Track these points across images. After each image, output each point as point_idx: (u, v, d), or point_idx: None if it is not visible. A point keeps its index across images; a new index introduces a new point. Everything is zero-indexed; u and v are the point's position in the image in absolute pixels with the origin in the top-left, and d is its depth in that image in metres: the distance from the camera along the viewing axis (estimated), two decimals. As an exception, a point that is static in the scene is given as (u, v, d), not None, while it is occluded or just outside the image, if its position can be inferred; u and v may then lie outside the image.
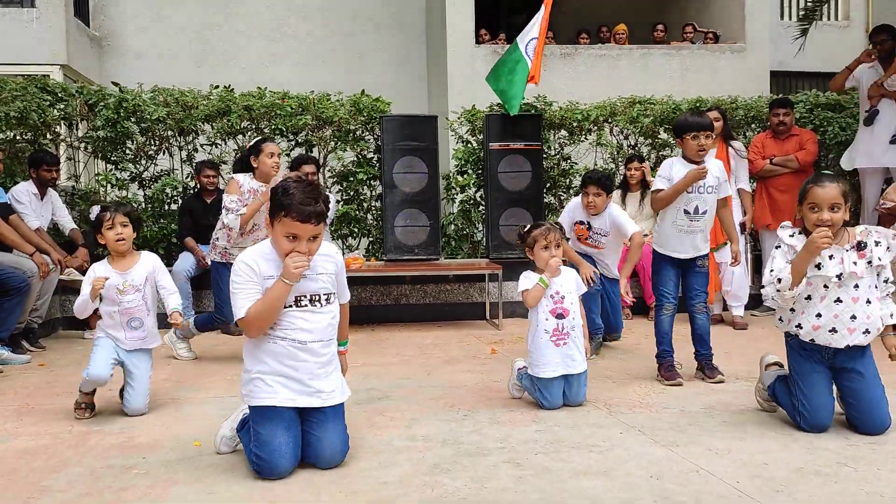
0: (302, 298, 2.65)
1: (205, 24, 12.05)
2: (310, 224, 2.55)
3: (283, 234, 2.57)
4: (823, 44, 12.35)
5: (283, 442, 2.56)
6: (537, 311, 3.51)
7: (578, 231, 4.84)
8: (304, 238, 2.57)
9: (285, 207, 2.53)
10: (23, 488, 2.50)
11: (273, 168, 4.54)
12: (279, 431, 2.57)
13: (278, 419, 2.60)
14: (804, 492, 2.39)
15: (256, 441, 2.57)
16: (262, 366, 2.64)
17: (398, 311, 6.46)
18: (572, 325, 3.49)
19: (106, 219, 3.41)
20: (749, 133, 7.29)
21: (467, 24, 10.49)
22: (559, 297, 3.50)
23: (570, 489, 2.43)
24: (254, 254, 2.66)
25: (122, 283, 3.44)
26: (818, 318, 3.02)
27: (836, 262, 2.98)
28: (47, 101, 6.32)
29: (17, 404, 3.67)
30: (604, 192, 4.68)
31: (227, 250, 4.62)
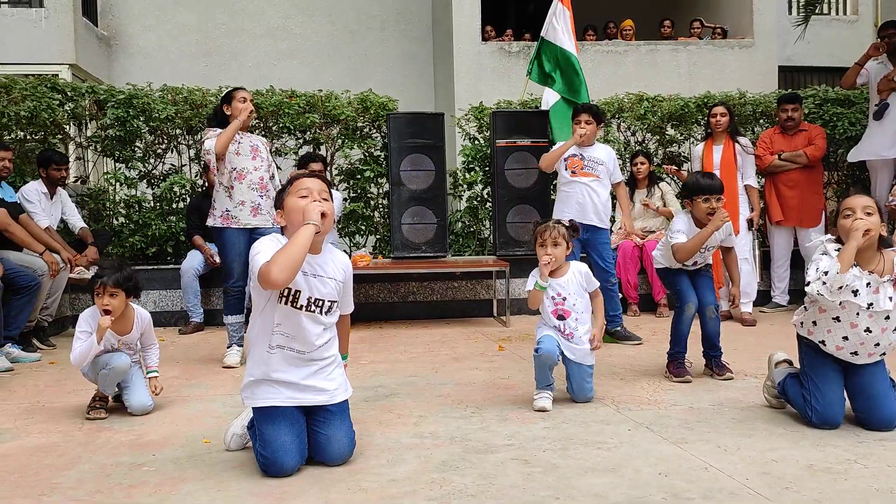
0: (311, 301, 2.63)
1: (211, 23, 12.08)
2: (315, 179, 2.67)
3: (296, 197, 2.63)
4: (832, 38, 12.29)
5: (287, 441, 2.56)
6: (544, 308, 3.53)
7: (573, 164, 4.97)
8: (315, 191, 2.62)
9: (290, 181, 2.71)
10: (34, 486, 2.52)
11: (245, 111, 4.43)
12: (282, 430, 2.58)
13: (281, 418, 2.60)
14: (814, 489, 2.38)
15: (261, 440, 2.58)
16: (263, 368, 2.64)
17: (405, 308, 6.47)
18: (575, 327, 3.48)
19: (96, 286, 3.36)
20: (757, 129, 7.26)
21: (473, 21, 10.48)
22: (560, 298, 3.49)
23: (579, 486, 2.43)
24: (272, 237, 2.67)
25: (119, 342, 3.49)
26: (844, 341, 3.02)
27: (871, 292, 2.94)
28: (57, 100, 6.35)
29: (28, 402, 3.70)
30: (594, 121, 4.92)
31: (228, 213, 4.48)
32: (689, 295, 4.00)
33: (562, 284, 3.51)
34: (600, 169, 4.96)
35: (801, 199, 6.21)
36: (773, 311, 6.47)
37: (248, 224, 4.48)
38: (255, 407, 2.65)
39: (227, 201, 4.48)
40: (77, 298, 6.11)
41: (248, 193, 4.47)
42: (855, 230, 2.86)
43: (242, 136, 4.53)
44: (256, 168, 4.51)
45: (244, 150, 4.50)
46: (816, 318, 3.10)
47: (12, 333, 4.73)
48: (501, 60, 10.48)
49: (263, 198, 4.53)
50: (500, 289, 6.46)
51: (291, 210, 2.63)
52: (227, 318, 4.61)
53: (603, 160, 4.97)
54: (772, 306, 6.51)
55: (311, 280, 2.63)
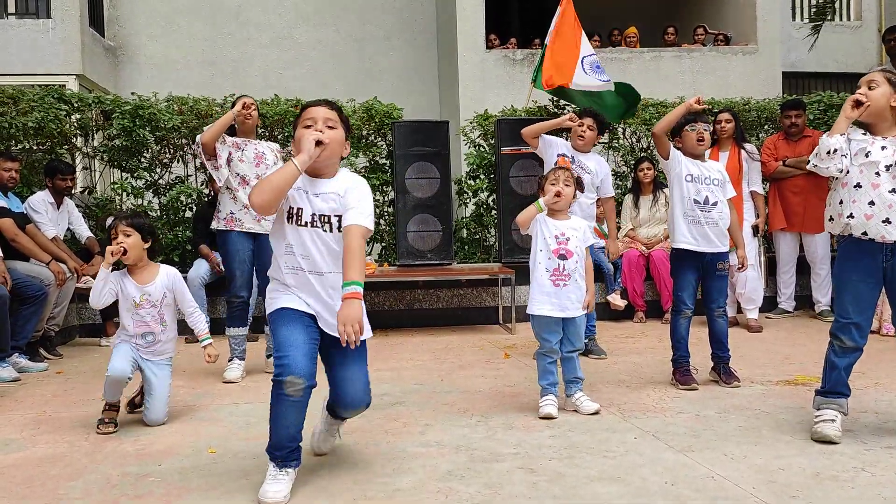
0: (315, 218, 2.59)
1: (217, 33, 12.14)
2: (320, 107, 2.66)
3: (301, 126, 2.63)
4: (836, 44, 12.28)
5: (300, 340, 2.48)
6: (539, 250, 3.49)
7: (562, 162, 4.84)
8: (320, 120, 2.62)
9: (302, 109, 2.71)
10: (40, 496, 2.52)
11: (246, 119, 4.44)
12: (297, 331, 2.51)
13: (297, 321, 2.54)
14: (821, 497, 2.37)
15: (276, 345, 2.51)
16: (282, 286, 2.62)
17: (411, 316, 6.47)
18: (574, 269, 3.47)
19: (110, 230, 3.39)
20: (762, 135, 7.26)
21: (477, 30, 10.51)
22: (563, 238, 3.48)
23: (585, 495, 2.42)
24: None
25: (140, 296, 3.42)
26: (871, 207, 2.97)
27: (888, 153, 2.96)
28: (64, 110, 6.39)
29: (35, 412, 3.71)
30: (596, 129, 4.84)
31: (232, 215, 4.45)
32: (685, 301, 3.99)
33: (566, 226, 3.51)
34: (585, 178, 4.75)
35: (806, 205, 6.20)
36: (780, 317, 6.45)
37: (251, 229, 4.47)
38: (271, 312, 2.60)
39: (231, 204, 4.47)
40: (84, 308, 6.13)
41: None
42: (845, 102, 2.96)
43: (247, 144, 4.52)
44: (258, 176, 4.49)
45: (248, 157, 4.49)
46: (841, 195, 3.05)
47: (19, 343, 4.75)
48: (506, 68, 10.50)
49: None
50: (505, 296, 6.46)
51: (296, 140, 2.63)
52: (230, 331, 4.52)
53: (592, 170, 4.80)
54: (778, 312, 6.49)
55: (313, 199, 2.59)
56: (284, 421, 2.49)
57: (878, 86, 2.98)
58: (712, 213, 3.95)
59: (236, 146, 4.50)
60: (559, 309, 3.46)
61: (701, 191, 3.94)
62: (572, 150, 4.89)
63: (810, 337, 5.46)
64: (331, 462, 2.82)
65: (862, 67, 10.60)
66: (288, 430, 2.50)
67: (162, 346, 3.50)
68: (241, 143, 4.51)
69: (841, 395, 3.05)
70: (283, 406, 2.47)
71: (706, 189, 3.95)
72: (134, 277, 3.43)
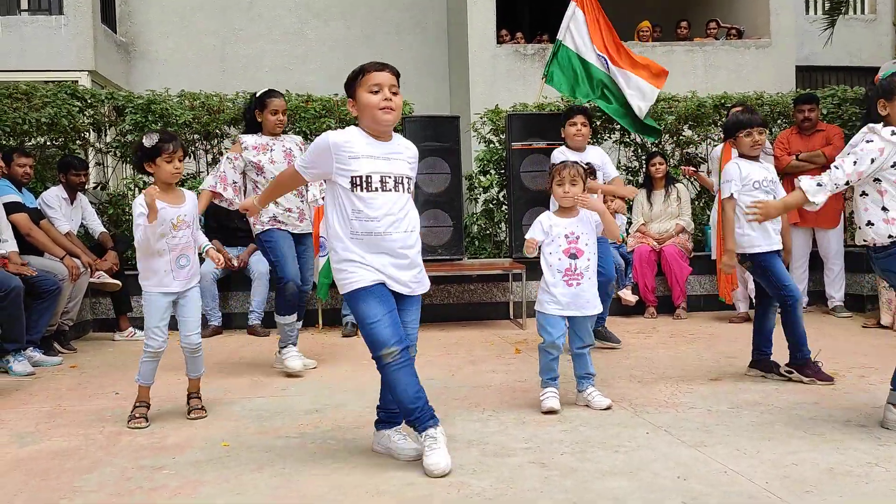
0: (387, 179, 2.69)
1: (228, 29, 12.17)
2: (386, 72, 2.74)
3: (366, 91, 2.71)
4: (850, 38, 12.17)
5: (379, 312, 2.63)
6: (550, 252, 3.44)
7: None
8: (386, 86, 2.70)
9: (361, 71, 2.76)
10: (55, 489, 2.55)
11: (277, 125, 4.36)
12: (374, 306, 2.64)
13: (371, 296, 2.65)
14: (835, 492, 2.36)
15: (359, 321, 2.68)
16: (348, 255, 2.68)
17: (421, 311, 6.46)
18: (586, 266, 3.42)
19: (167, 150, 3.30)
20: (775, 129, 7.21)
21: (488, 25, 10.49)
22: (574, 237, 3.42)
23: (597, 489, 2.42)
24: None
25: (177, 217, 3.36)
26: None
27: None
28: (77, 106, 6.43)
29: (50, 406, 3.74)
30: (589, 124, 4.88)
31: (275, 218, 4.32)
32: (795, 290, 3.94)
33: (575, 223, 3.45)
34: (597, 174, 4.86)
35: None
36: (793, 312, 6.41)
37: (295, 229, 4.37)
38: (346, 293, 2.70)
39: (272, 207, 4.29)
40: (98, 303, 6.18)
41: (293, 200, 4.35)
42: None
43: (275, 143, 4.37)
44: None
45: (277, 157, 4.33)
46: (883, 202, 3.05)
47: (34, 337, 4.79)
48: (516, 63, 10.48)
49: (304, 202, 4.44)
50: (516, 291, 6.46)
51: (364, 106, 2.72)
52: (280, 318, 4.40)
53: (595, 165, 4.84)
54: (790, 308, 6.45)
55: (385, 164, 2.71)
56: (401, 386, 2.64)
57: None
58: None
59: (263, 148, 4.34)
60: (576, 308, 3.42)
61: (768, 195, 3.92)
62: (574, 154, 4.86)
63: (823, 332, 5.42)
64: (343, 456, 2.83)
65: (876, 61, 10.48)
66: (407, 393, 2.63)
67: (194, 268, 3.46)
68: (268, 144, 4.37)
69: None
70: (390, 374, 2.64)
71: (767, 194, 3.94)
72: (166, 199, 3.34)
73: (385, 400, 2.86)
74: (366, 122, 2.75)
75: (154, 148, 3.30)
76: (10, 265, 4.63)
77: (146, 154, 3.32)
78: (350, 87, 2.79)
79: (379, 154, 2.71)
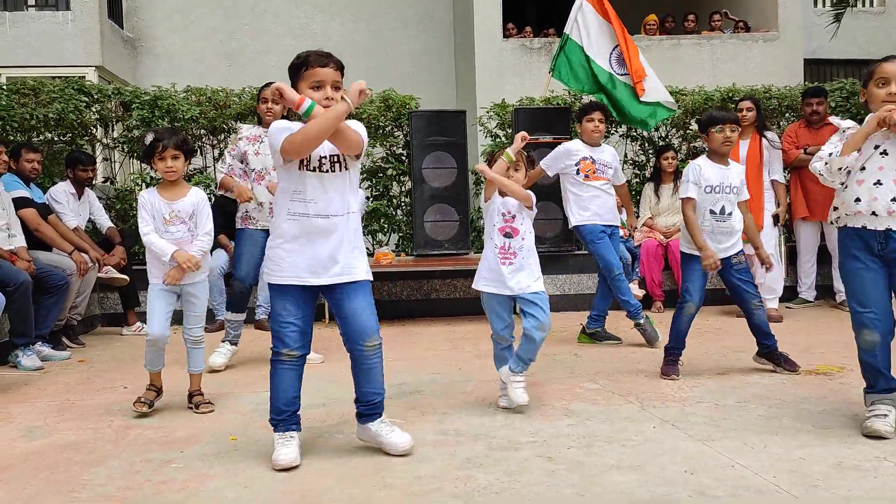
0: (324, 160, 2.66)
1: (234, 24, 12.18)
2: (329, 68, 2.65)
3: (307, 87, 2.64)
4: (859, 30, 12.10)
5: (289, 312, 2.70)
6: (493, 225, 3.39)
7: (585, 167, 4.95)
8: (329, 83, 2.64)
9: (304, 63, 2.66)
10: (64, 482, 2.56)
11: (266, 114, 4.39)
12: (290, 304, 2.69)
13: (289, 296, 2.69)
14: (843, 487, 2.35)
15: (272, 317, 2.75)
16: (281, 241, 2.68)
17: (428, 305, 6.48)
18: (520, 246, 3.33)
19: (158, 149, 3.37)
20: (783, 123, 7.18)
21: (494, 18, 10.46)
22: (510, 215, 3.36)
23: (604, 483, 2.42)
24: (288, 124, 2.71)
25: (169, 213, 3.44)
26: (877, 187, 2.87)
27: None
28: (84, 102, 6.44)
29: (59, 400, 3.76)
30: (605, 120, 4.99)
31: (247, 214, 4.43)
32: (692, 294, 3.94)
33: (513, 202, 3.38)
34: (609, 172, 4.98)
35: (828, 194, 6.02)
36: (800, 306, 6.40)
37: (265, 226, 4.37)
38: (269, 283, 2.73)
39: (245, 203, 4.40)
40: (106, 297, 6.20)
41: (265, 194, 4.36)
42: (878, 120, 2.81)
43: (265, 137, 4.35)
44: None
45: (264, 149, 4.36)
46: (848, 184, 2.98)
47: (42, 332, 4.81)
48: (523, 57, 10.45)
49: None
50: (522, 286, 6.44)
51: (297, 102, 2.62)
52: (228, 314, 4.54)
53: (609, 162, 4.98)
54: (798, 302, 6.44)
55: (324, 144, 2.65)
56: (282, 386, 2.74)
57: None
58: (726, 223, 3.93)
59: (255, 139, 4.41)
60: (503, 287, 3.32)
61: (719, 200, 3.92)
62: (590, 151, 4.90)
63: (831, 326, 5.40)
64: (350, 449, 2.84)
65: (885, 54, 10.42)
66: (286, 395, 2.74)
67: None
68: (260, 136, 4.40)
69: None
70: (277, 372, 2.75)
71: (725, 199, 3.92)
72: (162, 194, 3.45)
73: (360, 393, 2.83)
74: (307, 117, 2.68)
75: (149, 146, 3.40)
76: (18, 261, 4.65)
77: (145, 153, 3.44)
78: (293, 76, 2.71)
79: None
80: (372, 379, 2.80)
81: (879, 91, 2.89)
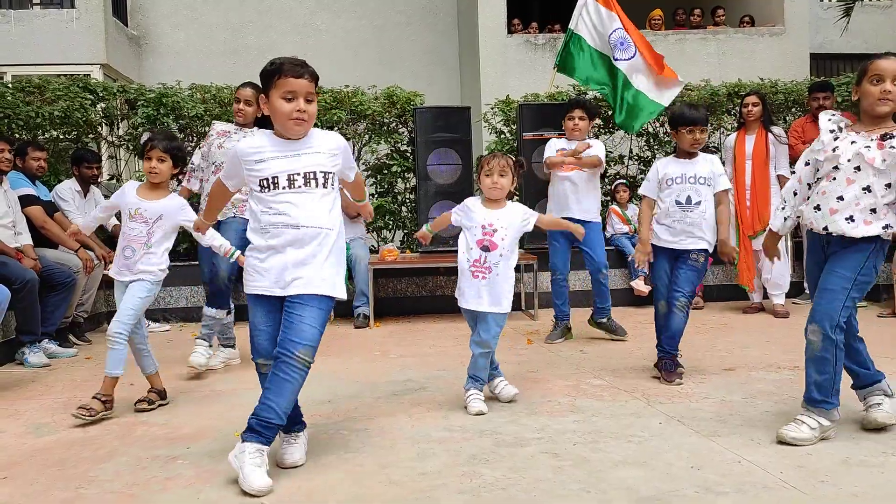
0: (296, 178, 2.56)
1: (238, 21, 12.19)
2: (304, 80, 2.55)
3: (279, 97, 2.53)
4: (866, 25, 12.04)
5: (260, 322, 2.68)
6: (465, 238, 3.35)
7: (562, 156, 4.93)
8: (301, 95, 2.54)
9: (277, 71, 2.54)
10: (72, 478, 2.57)
11: (237, 114, 4.39)
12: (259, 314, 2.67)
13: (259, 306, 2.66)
14: (850, 482, 2.34)
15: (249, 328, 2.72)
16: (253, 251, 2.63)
17: (433, 302, 6.48)
18: (496, 262, 3.27)
19: (147, 148, 3.42)
20: (789, 117, 7.15)
21: (499, 14, 10.44)
22: (491, 229, 3.28)
23: (610, 479, 2.42)
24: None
25: (135, 209, 3.43)
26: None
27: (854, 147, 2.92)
28: (89, 100, 6.45)
29: (66, 397, 3.77)
30: (587, 117, 4.92)
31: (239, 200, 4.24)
32: (661, 290, 3.89)
33: (497, 216, 3.31)
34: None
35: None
36: (806, 302, 6.37)
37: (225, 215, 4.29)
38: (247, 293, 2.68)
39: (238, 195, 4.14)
40: (111, 295, 6.20)
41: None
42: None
43: (239, 132, 4.35)
44: None
45: (229, 144, 4.25)
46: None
47: (49, 329, 4.83)
48: (528, 53, 10.43)
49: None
50: (527, 282, 6.44)
51: (276, 111, 2.55)
52: (207, 310, 4.35)
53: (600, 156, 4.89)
54: (804, 297, 6.42)
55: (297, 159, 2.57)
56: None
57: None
58: (693, 213, 3.81)
59: (223, 134, 4.37)
60: (476, 303, 3.30)
61: (685, 190, 3.84)
62: (569, 144, 4.94)
63: (838, 322, 5.38)
64: (356, 446, 2.84)
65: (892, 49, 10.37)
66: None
67: (138, 265, 3.43)
68: (229, 132, 4.39)
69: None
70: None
71: (691, 189, 3.84)
72: (140, 191, 3.46)
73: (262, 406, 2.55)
74: (277, 126, 2.60)
75: (144, 145, 3.47)
76: (24, 258, 4.67)
77: (139, 151, 3.53)
78: (265, 83, 2.60)
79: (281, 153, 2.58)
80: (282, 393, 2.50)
81: (874, 88, 2.86)
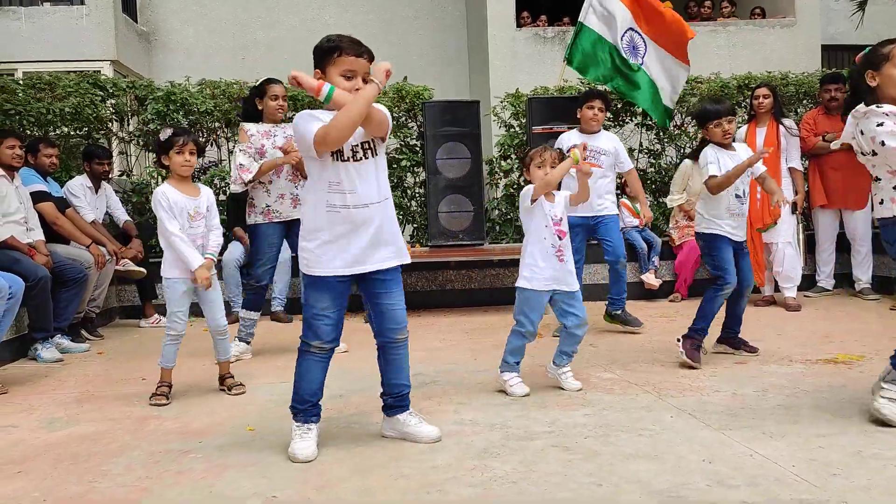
0: (356, 149, 2.60)
1: (247, 17, 12.21)
2: (363, 59, 2.60)
3: (338, 74, 2.58)
4: (876, 16, 11.89)
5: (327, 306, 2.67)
6: (541, 227, 3.45)
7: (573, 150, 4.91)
8: (360, 74, 2.59)
9: (337, 48, 2.57)
10: (85, 472, 2.59)
11: (278, 111, 4.45)
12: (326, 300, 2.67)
13: (327, 289, 2.66)
14: (862, 476, 2.33)
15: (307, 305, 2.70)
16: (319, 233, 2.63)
17: (443, 296, 6.48)
18: (567, 245, 3.49)
19: (178, 143, 3.48)
20: (800, 109, 7.10)
21: (508, 8, 10.40)
22: (557, 219, 3.47)
23: (621, 473, 2.41)
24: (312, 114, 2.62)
25: (193, 208, 3.55)
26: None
27: None
28: (99, 96, 6.48)
29: (78, 391, 3.80)
30: (605, 109, 4.98)
31: (269, 208, 4.40)
32: (731, 273, 3.94)
33: (556, 207, 3.49)
34: (602, 159, 4.91)
35: (847, 181, 6.05)
36: (818, 295, 6.34)
37: (289, 216, 4.42)
38: (307, 275, 2.69)
39: (265, 197, 4.39)
40: (123, 290, 6.25)
41: (286, 185, 4.41)
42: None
43: (276, 129, 4.46)
44: None
45: (280, 142, 4.41)
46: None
47: (61, 325, 4.86)
48: (536, 46, 10.39)
49: (297, 187, 4.46)
50: (537, 276, 6.42)
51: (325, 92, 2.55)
52: (242, 313, 4.53)
53: (606, 149, 4.92)
54: (817, 290, 6.38)
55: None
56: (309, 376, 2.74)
57: None
58: (745, 205, 4.01)
59: (266, 135, 4.43)
60: (561, 283, 3.46)
61: (740, 185, 3.94)
62: (583, 136, 4.89)
63: (850, 315, 5.35)
64: (366, 440, 2.85)
65: (904, 39, 10.27)
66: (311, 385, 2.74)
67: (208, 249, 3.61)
68: (270, 131, 4.44)
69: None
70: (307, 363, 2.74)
71: (743, 183, 3.96)
72: (183, 191, 3.54)
73: (389, 385, 2.86)
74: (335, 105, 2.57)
75: (167, 141, 3.48)
76: (36, 254, 4.70)
77: (160, 147, 3.52)
78: (321, 59, 2.61)
79: None
80: (399, 370, 2.83)
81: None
